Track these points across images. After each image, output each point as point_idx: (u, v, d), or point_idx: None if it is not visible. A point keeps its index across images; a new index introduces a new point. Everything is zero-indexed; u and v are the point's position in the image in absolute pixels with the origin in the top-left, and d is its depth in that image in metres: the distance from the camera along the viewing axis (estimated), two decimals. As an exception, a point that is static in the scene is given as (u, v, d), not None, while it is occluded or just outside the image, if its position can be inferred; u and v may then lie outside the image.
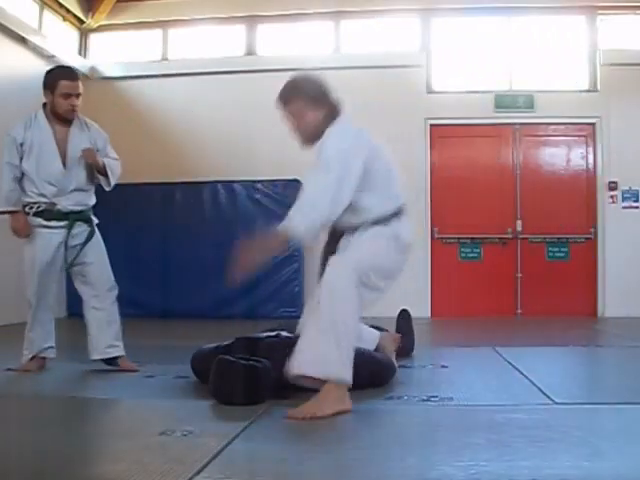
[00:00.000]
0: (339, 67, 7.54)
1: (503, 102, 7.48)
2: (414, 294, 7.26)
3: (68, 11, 7.68)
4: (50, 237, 3.61)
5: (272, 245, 2.75)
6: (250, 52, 7.96)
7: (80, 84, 3.65)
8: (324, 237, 3.03)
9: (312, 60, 7.65)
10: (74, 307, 7.37)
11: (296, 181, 7.28)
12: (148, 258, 7.30)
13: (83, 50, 8.11)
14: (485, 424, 2.46)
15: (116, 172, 3.79)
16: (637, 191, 7.30)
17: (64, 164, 3.61)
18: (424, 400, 2.90)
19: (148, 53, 8.11)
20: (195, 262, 7.25)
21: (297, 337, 3.16)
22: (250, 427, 2.42)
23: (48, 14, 7.42)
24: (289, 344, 3.10)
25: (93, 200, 3.81)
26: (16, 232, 3.62)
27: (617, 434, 2.37)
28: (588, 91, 7.47)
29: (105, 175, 3.72)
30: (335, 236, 2.95)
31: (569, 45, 7.61)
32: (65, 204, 3.62)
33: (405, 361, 3.81)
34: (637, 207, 7.29)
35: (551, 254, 7.47)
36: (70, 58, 7.54)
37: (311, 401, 2.61)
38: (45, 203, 3.60)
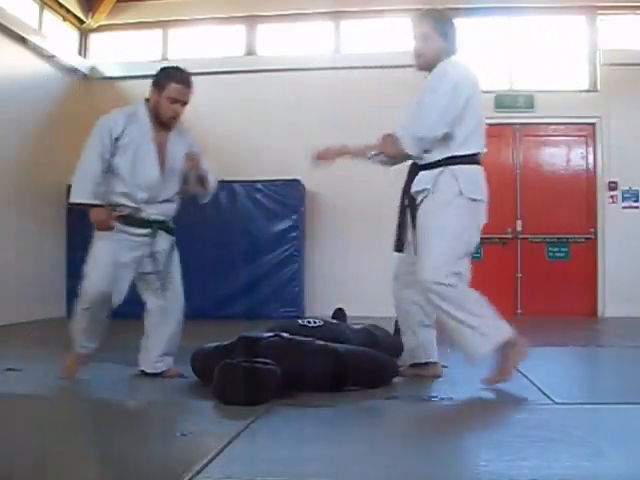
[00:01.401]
0: (339, 67, 7.57)
1: (503, 102, 7.48)
2: (414, 294, 7.27)
3: (68, 11, 7.68)
4: (127, 240, 3.35)
5: (387, 146, 3.26)
6: (250, 52, 7.96)
7: (191, 92, 3.43)
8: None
9: (312, 60, 7.68)
10: (74, 307, 7.39)
11: (296, 181, 7.30)
12: (148, 258, 7.30)
13: (83, 50, 8.11)
14: (485, 424, 2.46)
15: (214, 183, 3.57)
16: (637, 191, 7.30)
17: (162, 172, 3.36)
18: (424, 400, 2.90)
19: (148, 53, 8.11)
20: (195, 262, 7.22)
21: (297, 338, 3.17)
22: (250, 427, 2.42)
23: (48, 14, 7.42)
24: (290, 344, 3.11)
25: (176, 210, 3.59)
26: (99, 225, 3.27)
27: (617, 434, 2.37)
28: (588, 91, 7.47)
29: (203, 185, 3.51)
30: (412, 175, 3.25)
31: (569, 45, 7.62)
32: (150, 212, 3.37)
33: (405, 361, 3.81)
34: (637, 207, 7.29)
35: (551, 254, 7.47)
36: (70, 58, 7.56)
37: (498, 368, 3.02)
38: (131, 208, 3.34)
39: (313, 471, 1.96)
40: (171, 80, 3.35)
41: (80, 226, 6.78)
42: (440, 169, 3.12)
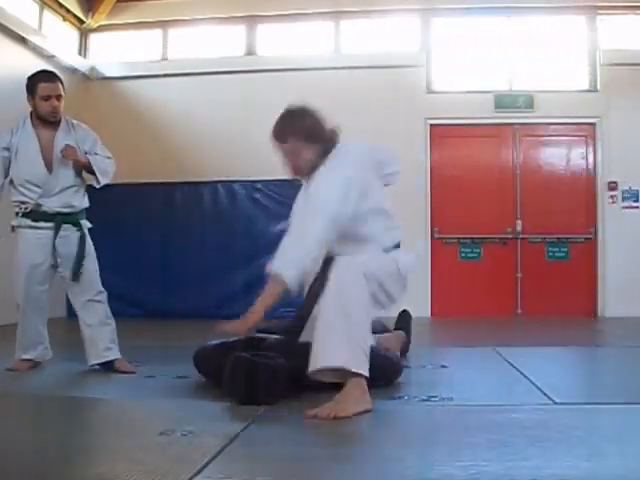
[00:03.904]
0: (339, 67, 7.57)
1: (503, 102, 7.48)
2: (414, 294, 7.23)
3: (68, 11, 7.68)
4: (36, 238, 3.61)
5: (269, 299, 2.80)
6: (250, 52, 7.96)
7: (60, 86, 3.65)
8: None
9: (312, 60, 7.68)
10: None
11: (296, 181, 7.29)
12: (148, 258, 7.30)
13: (83, 50, 8.11)
14: (485, 424, 2.45)
15: (106, 169, 3.73)
16: (637, 191, 7.30)
17: (49, 168, 3.61)
18: (424, 400, 2.90)
19: (148, 53, 8.11)
20: (195, 262, 7.25)
21: (296, 338, 3.17)
22: (250, 427, 2.42)
23: (48, 14, 7.42)
24: (293, 345, 3.11)
25: (83, 203, 3.76)
26: None
27: (617, 434, 2.37)
28: (588, 91, 7.47)
29: (92, 172, 3.69)
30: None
31: (569, 45, 7.61)
32: (51, 205, 3.61)
33: (405, 361, 3.81)
34: (637, 207, 7.29)
35: (551, 254, 7.46)
36: (70, 58, 7.55)
37: (332, 401, 2.59)
38: (31, 204, 3.60)
39: (313, 471, 1.96)
40: (38, 81, 3.65)
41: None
42: None
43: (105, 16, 7.96)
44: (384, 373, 3.16)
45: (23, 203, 3.61)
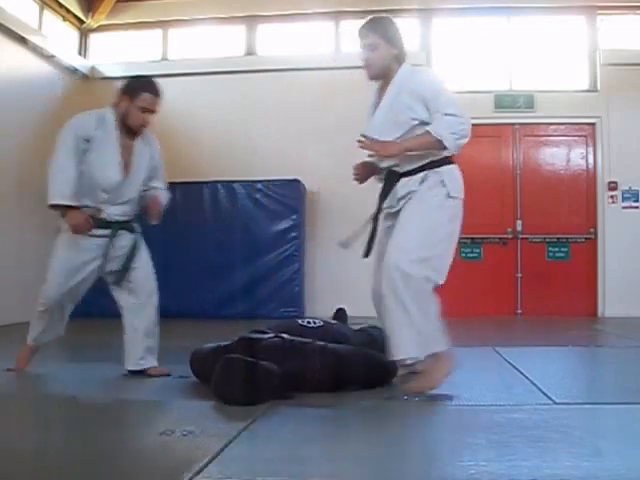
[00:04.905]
0: (339, 67, 7.56)
1: (503, 102, 7.49)
2: (414, 294, 7.27)
3: (68, 11, 7.69)
4: (89, 244, 3.41)
5: (418, 143, 3.00)
6: (250, 52, 7.97)
7: (160, 102, 3.51)
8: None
9: (312, 60, 7.68)
10: (74, 307, 7.39)
11: (296, 181, 7.30)
12: (148, 258, 7.29)
13: (83, 50, 8.11)
14: (485, 424, 2.45)
15: (165, 204, 3.72)
16: (637, 191, 7.30)
17: (124, 175, 3.43)
18: (424, 400, 2.90)
19: (148, 53, 8.12)
20: (195, 262, 7.25)
21: (297, 339, 3.18)
22: (250, 427, 2.42)
23: (48, 14, 7.42)
24: (290, 346, 3.11)
25: (137, 210, 3.64)
26: (76, 228, 3.34)
27: (617, 434, 2.37)
28: (588, 91, 7.47)
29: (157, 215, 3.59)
30: (391, 181, 3.21)
31: (569, 45, 7.62)
32: (111, 213, 3.44)
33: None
34: (637, 207, 7.29)
35: (551, 254, 7.47)
36: (70, 58, 7.56)
37: (419, 375, 2.89)
38: (92, 209, 3.39)
39: (313, 471, 1.96)
40: (143, 90, 3.46)
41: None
42: (424, 172, 3.06)
43: (105, 16, 7.97)
44: (379, 375, 3.16)
45: (82, 206, 3.36)
